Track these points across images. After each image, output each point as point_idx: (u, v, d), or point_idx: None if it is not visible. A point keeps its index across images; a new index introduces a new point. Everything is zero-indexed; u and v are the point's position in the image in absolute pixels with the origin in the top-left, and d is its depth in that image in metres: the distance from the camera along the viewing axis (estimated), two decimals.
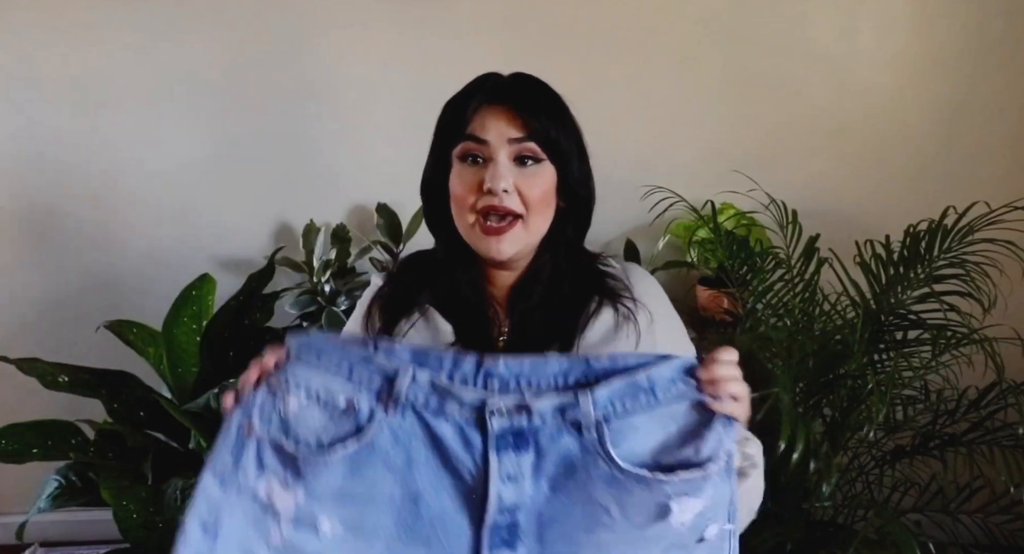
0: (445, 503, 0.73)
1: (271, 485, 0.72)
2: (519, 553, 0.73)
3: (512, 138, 0.88)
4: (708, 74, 1.88)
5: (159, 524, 1.31)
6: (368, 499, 0.73)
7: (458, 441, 0.73)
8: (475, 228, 0.89)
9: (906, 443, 1.56)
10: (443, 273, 0.95)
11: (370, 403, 0.73)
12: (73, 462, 1.53)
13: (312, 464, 0.72)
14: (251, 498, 0.73)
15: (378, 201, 1.89)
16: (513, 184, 0.87)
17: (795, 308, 1.53)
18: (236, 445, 0.74)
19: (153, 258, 1.98)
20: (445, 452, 0.73)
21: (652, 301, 0.99)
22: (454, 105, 0.92)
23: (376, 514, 0.73)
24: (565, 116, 0.93)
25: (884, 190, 1.91)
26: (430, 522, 0.73)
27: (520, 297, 0.95)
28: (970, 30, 1.82)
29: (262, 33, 1.85)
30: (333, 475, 0.72)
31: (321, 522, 0.72)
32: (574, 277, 0.97)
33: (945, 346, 1.41)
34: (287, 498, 0.72)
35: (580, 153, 0.94)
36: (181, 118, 1.90)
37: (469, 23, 1.84)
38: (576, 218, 0.96)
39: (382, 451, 0.73)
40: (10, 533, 1.66)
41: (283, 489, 0.72)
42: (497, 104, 0.89)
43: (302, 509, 0.72)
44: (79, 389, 1.53)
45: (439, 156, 0.93)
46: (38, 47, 1.83)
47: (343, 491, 0.72)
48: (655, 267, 1.88)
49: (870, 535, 1.28)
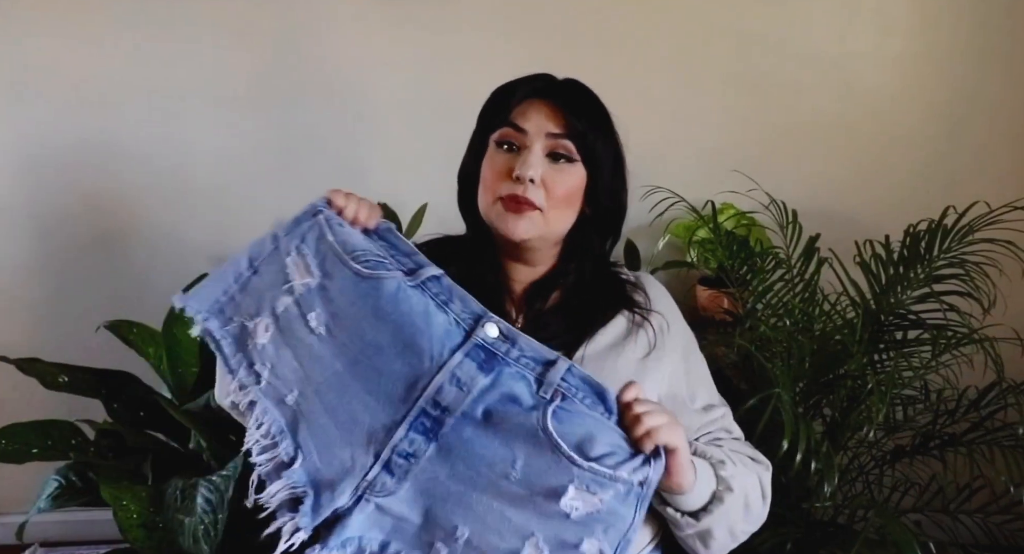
0: (399, 369, 0.80)
1: (298, 263, 0.84)
2: (428, 449, 0.79)
3: (550, 132, 0.90)
4: (708, 74, 1.88)
5: (159, 524, 1.31)
6: (354, 324, 0.81)
7: (442, 331, 0.81)
8: (497, 205, 0.91)
9: (906, 443, 1.56)
10: (466, 258, 0.96)
11: (398, 268, 0.85)
12: (73, 462, 1.53)
13: (340, 265, 0.83)
14: (281, 266, 0.84)
15: (378, 201, 1.89)
16: (541, 176, 0.89)
17: (795, 308, 1.53)
18: (293, 222, 0.87)
19: (153, 258, 1.98)
20: (425, 332, 0.81)
21: (664, 309, 1.00)
22: (501, 92, 0.94)
23: (351, 339, 0.81)
24: (606, 126, 0.95)
25: (884, 190, 1.91)
26: (381, 374, 0.80)
27: (536, 296, 0.97)
28: (971, 30, 1.82)
29: (263, 34, 1.85)
30: (344, 286, 0.82)
31: (312, 316, 0.82)
32: (597, 289, 0.98)
33: (945, 346, 1.41)
34: (305, 279, 0.83)
35: (616, 164, 0.96)
36: (182, 118, 1.89)
37: (469, 23, 1.84)
38: (602, 228, 0.97)
39: (386, 298, 0.82)
40: (10, 533, 1.66)
41: (306, 270, 0.83)
42: (543, 99, 0.91)
43: (306, 296, 0.82)
44: (79, 389, 1.53)
45: (479, 140, 0.95)
46: (38, 47, 1.83)
47: (342, 304, 0.82)
48: (655, 267, 1.88)
49: (870, 535, 1.28)
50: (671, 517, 0.88)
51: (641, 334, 0.95)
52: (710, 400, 1.01)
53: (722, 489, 0.88)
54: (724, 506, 0.87)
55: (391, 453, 0.79)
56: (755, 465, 0.95)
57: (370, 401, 0.80)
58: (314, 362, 0.82)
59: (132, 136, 1.90)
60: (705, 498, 0.87)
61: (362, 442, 0.79)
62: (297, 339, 0.83)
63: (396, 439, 0.79)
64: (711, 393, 1.02)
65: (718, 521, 0.87)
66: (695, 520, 0.87)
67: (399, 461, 0.79)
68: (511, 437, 0.78)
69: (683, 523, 0.87)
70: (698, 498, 0.86)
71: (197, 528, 1.27)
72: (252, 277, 0.86)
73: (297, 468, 0.79)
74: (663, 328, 0.97)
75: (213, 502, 1.30)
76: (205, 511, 1.29)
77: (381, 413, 0.79)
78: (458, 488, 0.78)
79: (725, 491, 0.88)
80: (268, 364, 0.83)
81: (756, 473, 0.93)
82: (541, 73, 0.96)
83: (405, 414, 0.79)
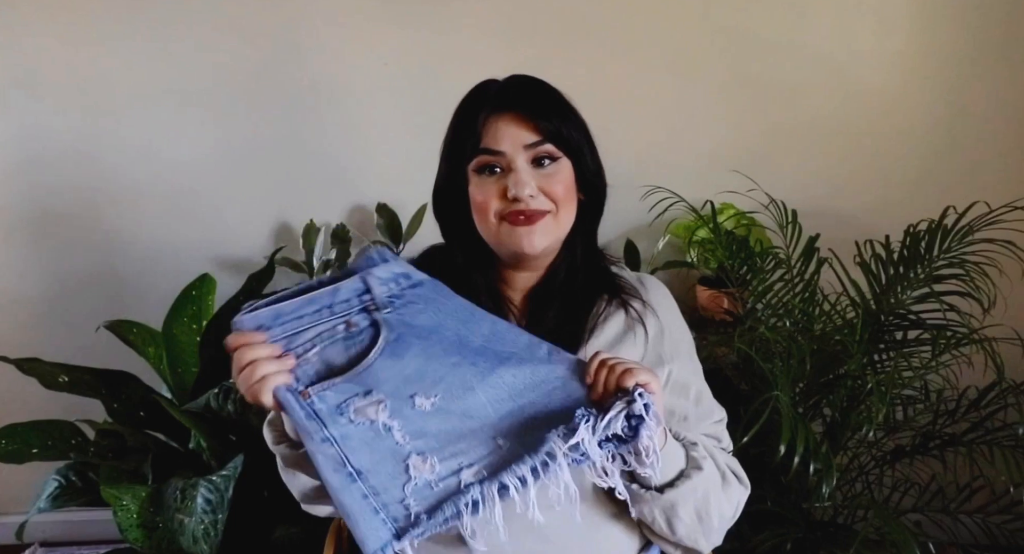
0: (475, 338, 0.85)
1: (358, 410, 0.80)
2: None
3: (527, 144, 0.89)
4: (708, 74, 1.88)
5: (159, 524, 1.31)
6: (427, 359, 0.82)
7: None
8: (503, 225, 0.90)
9: (906, 443, 1.56)
10: (461, 274, 0.95)
11: (363, 315, 0.83)
12: (73, 462, 1.53)
13: (366, 373, 0.81)
14: (356, 431, 0.80)
15: (378, 201, 1.89)
16: (536, 187, 0.89)
17: (795, 308, 1.53)
18: (308, 412, 0.80)
19: (153, 258, 1.98)
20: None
21: (664, 311, 1.00)
22: (461, 120, 0.92)
23: (443, 362, 0.82)
24: (570, 111, 0.94)
25: (884, 190, 1.91)
26: (478, 347, 0.84)
27: (539, 304, 0.96)
28: (970, 30, 1.81)
29: (262, 33, 1.85)
30: (387, 368, 0.81)
31: (415, 401, 0.81)
32: (587, 274, 0.98)
33: (945, 346, 1.41)
34: (375, 407, 0.80)
35: (590, 144, 0.95)
36: (181, 118, 1.90)
37: (469, 23, 1.84)
38: (592, 209, 0.98)
39: (408, 328, 0.82)
40: (10, 533, 1.66)
41: (368, 405, 0.80)
42: (504, 112, 0.89)
43: (392, 405, 0.81)
44: (79, 389, 1.53)
45: (454, 171, 0.93)
46: (38, 48, 1.83)
47: (405, 371, 0.82)
48: (655, 267, 1.88)
49: (870, 535, 1.28)
50: (635, 494, 0.86)
51: (639, 329, 0.95)
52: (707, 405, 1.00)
53: (691, 468, 0.87)
54: (691, 483, 0.86)
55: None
56: (732, 477, 0.94)
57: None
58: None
59: (132, 136, 1.90)
60: (672, 473, 0.86)
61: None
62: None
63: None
64: (706, 398, 1.01)
65: (684, 497, 0.85)
66: (660, 494, 0.85)
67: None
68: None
69: (648, 496, 0.85)
70: (666, 470, 0.84)
71: (197, 528, 1.27)
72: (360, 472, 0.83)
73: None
74: (657, 326, 0.97)
75: (213, 502, 1.30)
76: (205, 511, 1.29)
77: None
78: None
79: (694, 469, 0.87)
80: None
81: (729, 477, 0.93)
82: (486, 82, 0.95)
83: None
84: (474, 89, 0.94)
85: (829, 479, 1.26)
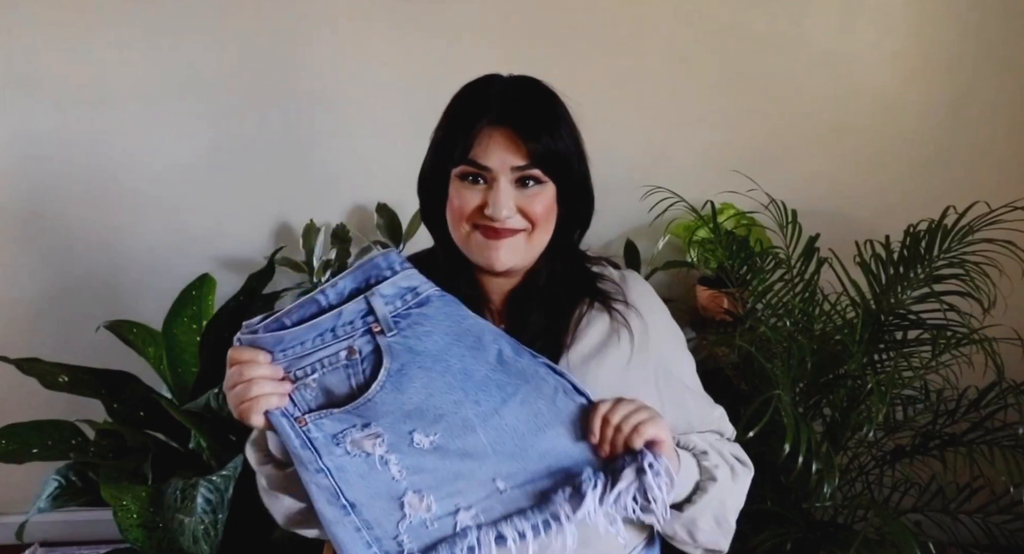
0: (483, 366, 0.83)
1: (354, 442, 0.79)
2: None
3: (515, 166, 0.86)
4: (708, 74, 1.88)
5: (159, 524, 1.31)
6: (429, 395, 0.80)
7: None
8: (473, 235, 0.89)
9: (906, 443, 1.56)
10: (443, 274, 0.94)
11: (366, 339, 0.80)
12: (73, 462, 1.53)
13: (365, 407, 0.79)
14: (351, 463, 0.79)
15: (378, 201, 1.89)
16: (515, 207, 0.87)
17: (795, 308, 1.53)
18: (303, 441, 0.79)
19: (153, 258, 1.98)
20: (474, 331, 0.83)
21: (647, 310, 0.98)
22: (456, 118, 0.90)
23: (444, 400, 0.80)
24: (564, 124, 0.90)
25: (884, 190, 1.91)
26: (482, 379, 0.82)
27: (517, 309, 0.95)
28: (970, 30, 1.82)
29: (262, 33, 1.85)
30: (387, 402, 0.79)
31: (413, 438, 0.80)
32: (568, 280, 0.96)
33: (945, 346, 1.41)
34: (373, 440, 0.79)
35: (579, 155, 0.92)
36: (181, 118, 1.89)
37: (468, 23, 1.84)
38: (576, 220, 0.96)
39: (412, 357, 0.80)
40: (10, 533, 1.66)
41: (364, 438, 0.79)
42: (498, 126, 0.87)
43: (390, 439, 0.79)
44: (79, 389, 1.53)
45: (439, 169, 0.92)
46: (38, 47, 1.83)
47: (406, 406, 0.79)
48: (655, 267, 1.88)
49: (870, 535, 1.28)
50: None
51: (624, 333, 0.93)
52: (705, 402, 1.00)
53: (705, 480, 0.88)
54: (708, 496, 0.87)
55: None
56: (740, 466, 0.95)
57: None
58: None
59: (133, 136, 1.90)
60: (689, 488, 0.87)
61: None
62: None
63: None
64: (701, 395, 1.01)
65: (702, 511, 0.87)
66: (679, 512, 0.86)
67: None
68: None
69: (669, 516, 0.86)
70: (681, 489, 0.85)
71: (197, 528, 1.27)
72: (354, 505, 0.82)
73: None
74: (642, 326, 0.95)
75: (213, 502, 1.30)
76: (205, 511, 1.29)
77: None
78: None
79: (708, 481, 0.87)
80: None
81: (739, 472, 0.93)
82: (489, 78, 0.92)
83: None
84: (477, 82, 0.92)
85: (831, 479, 1.26)
